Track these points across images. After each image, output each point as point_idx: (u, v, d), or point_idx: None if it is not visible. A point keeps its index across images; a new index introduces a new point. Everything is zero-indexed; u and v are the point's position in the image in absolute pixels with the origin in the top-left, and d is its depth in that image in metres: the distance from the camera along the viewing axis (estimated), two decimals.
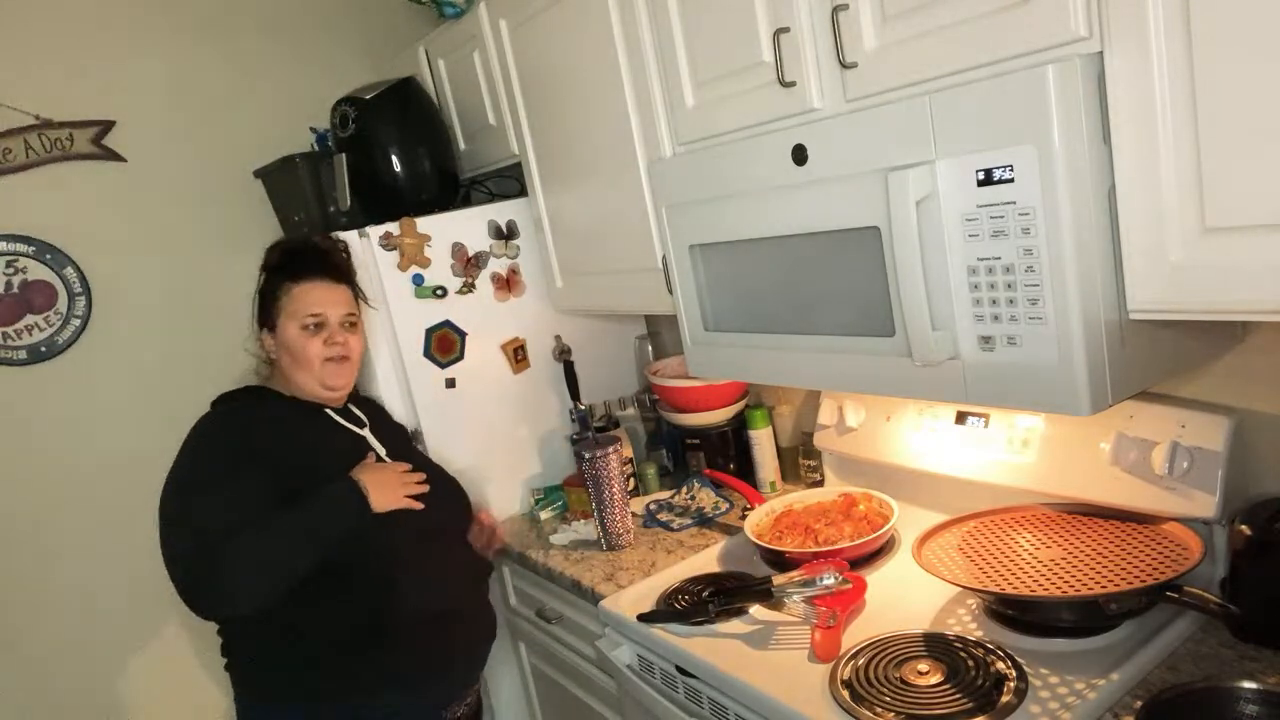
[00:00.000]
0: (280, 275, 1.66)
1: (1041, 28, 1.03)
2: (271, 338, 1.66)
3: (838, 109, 1.32)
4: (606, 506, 1.92)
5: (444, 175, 2.24)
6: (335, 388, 1.66)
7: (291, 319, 1.63)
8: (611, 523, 1.93)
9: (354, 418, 1.74)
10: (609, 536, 1.94)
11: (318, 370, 1.63)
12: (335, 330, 1.65)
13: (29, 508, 2.27)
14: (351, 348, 1.67)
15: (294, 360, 1.63)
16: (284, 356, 1.65)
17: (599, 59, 1.74)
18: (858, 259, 1.25)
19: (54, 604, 2.31)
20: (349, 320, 1.68)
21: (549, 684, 2.16)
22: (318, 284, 1.65)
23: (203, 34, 2.45)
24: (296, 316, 1.63)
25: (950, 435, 1.62)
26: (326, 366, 1.64)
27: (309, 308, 1.63)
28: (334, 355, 1.64)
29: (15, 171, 2.22)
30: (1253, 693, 1.07)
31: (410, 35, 2.60)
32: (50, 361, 2.28)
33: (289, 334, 1.63)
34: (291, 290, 1.64)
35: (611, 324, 2.40)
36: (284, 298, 1.64)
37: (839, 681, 1.27)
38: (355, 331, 1.70)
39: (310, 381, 1.64)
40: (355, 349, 1.69)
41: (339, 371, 1.65)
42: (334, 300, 1.66)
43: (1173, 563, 1.25)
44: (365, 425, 1.73)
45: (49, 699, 2.31)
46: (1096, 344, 1.05)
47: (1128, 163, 1.00)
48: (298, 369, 1.64)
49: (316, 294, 1.64)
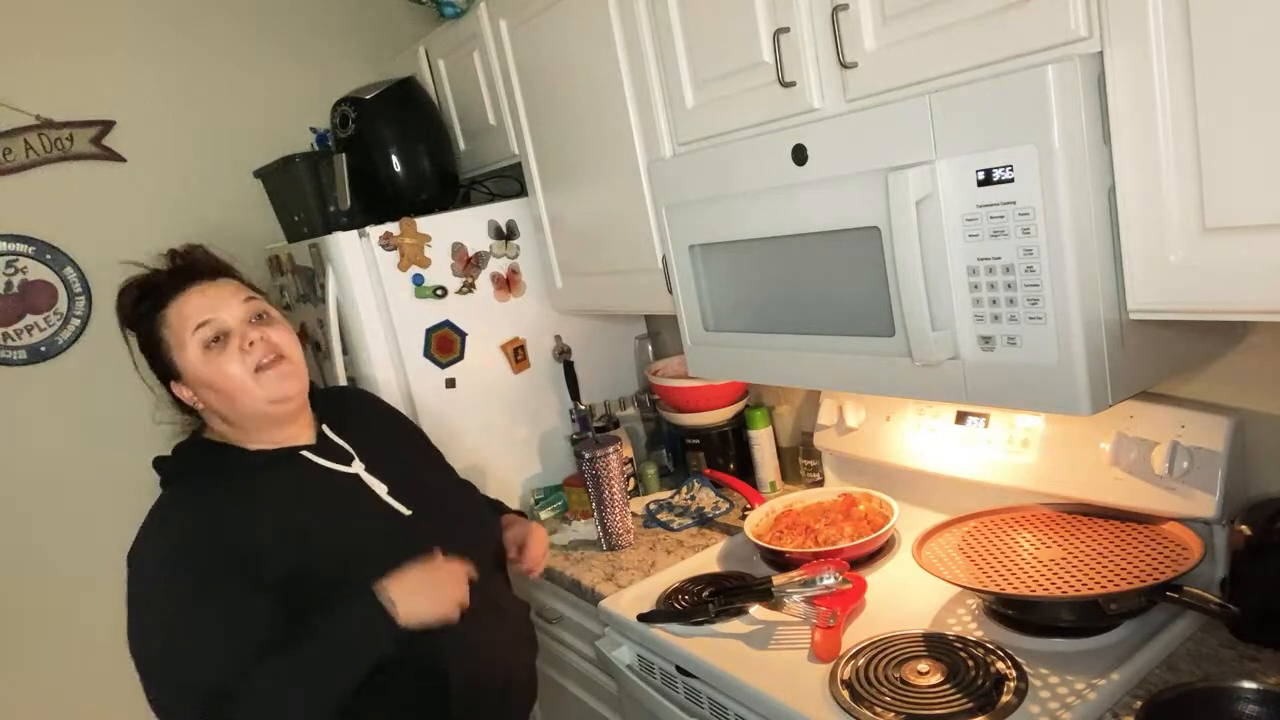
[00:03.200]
0: (146, 313, 1.30)
1: (1041, 28, 1.03)
2: (183, 386, 1.30)
3: (838, 109, 1.32)
4: (606, 506, 1.92)
5: (444, 175, 2.24)
6: (288, 398, 1.30)
7: (184, 346, 1.26)
8: (611, 523, 1.93)
9: (338, 452, 1.38)
10: (609, 536, 1.94)
11: (256, 388, 1.27)
12: (244, 330, 1.28)
13: (29, 507, 2.27)
14: (277, 342, 1.30)
15: (220, 393, 1.27)
16: (208, 396, 1.28)
17: (599, 59, 1.74)
18: (858, 259, 1.25)
19: (54, 603, 2.31)
20: (254, 311, 1.31)
21: (549, 684, 2.16)
22: (189, 291, 1.29)
23: (203, 34, 2.46)
24: (188, 340, 1.26)
25: (950, 435, 1.62)
26: (262, 378, 1.27)
27: (193, 319, 1.26)
28: (261, 360, 1.27)
29: (15, 171, 2.22)
30: (1253, 693, 1.07)
31: (410, 35, 2.60)
32: (50, 361, 2.28)
33: (193, 365, 1.26)
34: (165, 317, 1.27)
35: (611, 324, 2.40)
36: (163, 330, 1.27)
37: (839, 681, 1.27)
38: (271, 323, 1.32)
39: (258, 405, 1.28)
40: (283, 342, 1.31)
41: (280, 377, 1.29)
42: (220, 297, 1.29)
43: (1173, 563, 1.25)
44: (353, 459, 1.39)
45: (48, 697, 2.31)
46: (1096, 344, 1.05)
47: (1128, 163, 1.00)
48: (232, 400, 1.27)
49: (193, 302, 1.27)
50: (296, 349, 1.35)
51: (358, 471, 1.38)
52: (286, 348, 1.32)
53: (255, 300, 1.33)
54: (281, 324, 1.35)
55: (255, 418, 1.30)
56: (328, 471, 1.36)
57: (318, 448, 1.37)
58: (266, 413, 1.30)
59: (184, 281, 1.30)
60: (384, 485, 1.38)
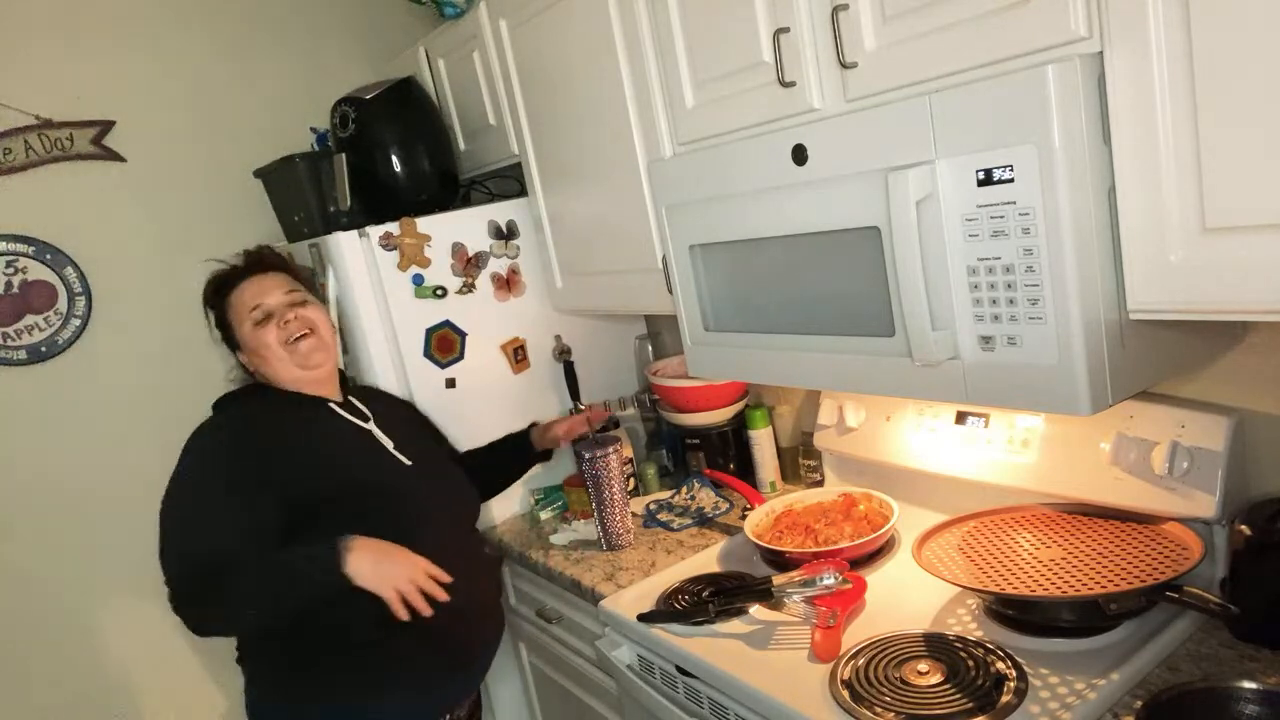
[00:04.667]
0: (220, 297, 1.68)
1: (1041, 28, 1.03)
2: (242, 354, 1.68)
3: (838, 109, 1.32)
4: (606, 506, 1.92)
5: (444, 175, 2.24)
6: (313, 365, 1.64)
7: (240, 324, 1.64)
8: (611, 522, 1.93)
9: (356, 411, 1.72)
10: (609, 536, 1.94)
11: (285, 355, 1.62)
12: (283, 311, 1.63)
13: (29, 507, 2.27)
14: (311, 321, 1.65)
15: (263, 357, 1.63)
16: (255, 360, 1.65)
17: (599, 59, 1.74)
18: (858, 259, 1.25)
19: (54, 603, 2.31)
20: (294, 300, 1.66)
21: (549, 684, 2.16)
22: (249, 281, 1.66)
23: (203, 34, 2.45)
24: (242, 318, 1.63)
25: (950, 435, 1.62)
26: (291, 348, 1.62)
27: (247, 304, 1.63)
28: (292, 334, 1.62)
29: (15, 171, 2.22)
30: (1252, 693, 1.07)
31: (410, 35, 2.60)
32: (50, 361, 2.28)
33: (246, 336, 1.63)
34: (230, 303, 1.66)
35: (611, 324, 2.40)
36: (228, 313, 1.66)
37: (839, 681, 1.27)
38: (310, 306, 1.67)
39: (288, 369, 1.63)
40: (317, 321, 1.66)
41: (308, 347, 1.63)
42: (267, 288, 1.65)
43: (1173, 563, 1.25)
44: (369, 419, 1.71)
45: (49, 697, 2.31)
46: (1096, 344, 1.05)
47: (1128, 163, 1.00)
48: (269, 363, 1.63)
49: (249, 290, 1.65)
50: (327, 328, 1.69)
51: (370, 428, 1.70)
52: (319, 325, 1.66)
53: (296, 291, 1.68)
54: (316, 307, 1.69)
55: (287, 377, 1.64)
56: (346, 421, 1.68)
57: (342, 404, 1.70)
58: (297, 376, 1.64)
59: (245, 273, 1.68)
60: (390, 441, 1.69)
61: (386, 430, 1.71)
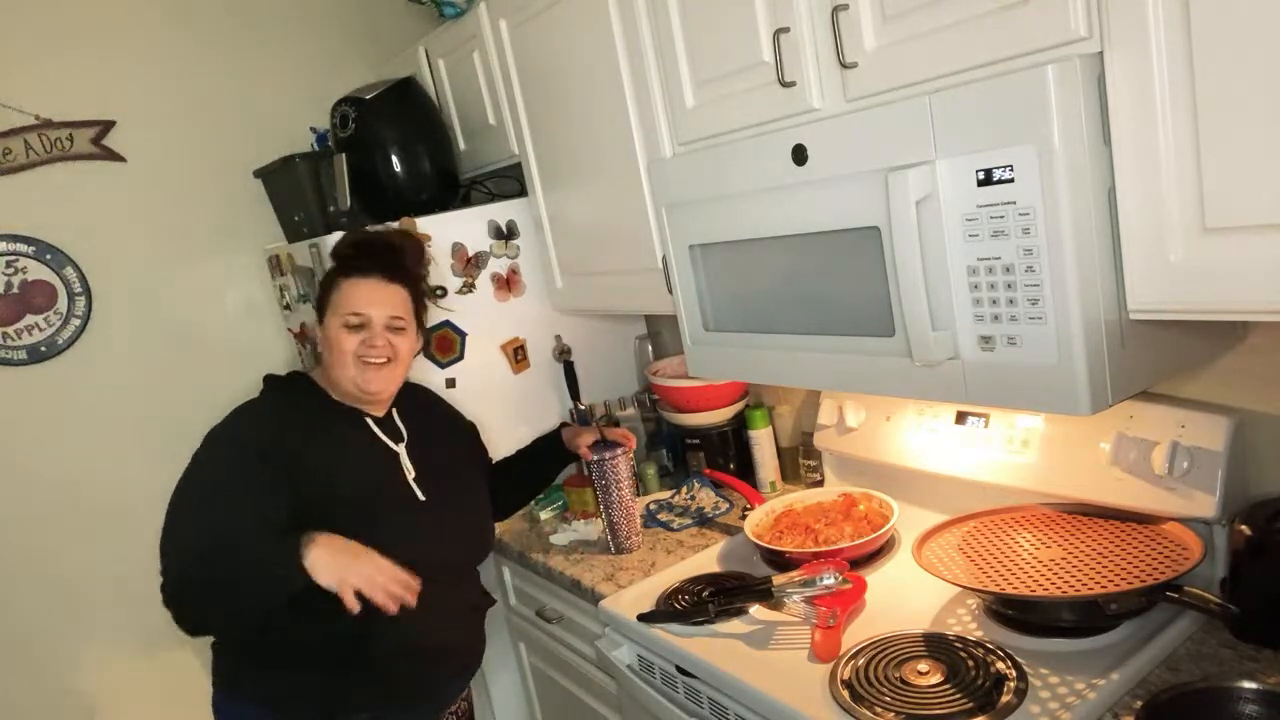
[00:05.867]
0: (339, 267, 1.62)
1: (1041, 28, 1.03)
2: (320, 329, 1.62)
3: (838, 109, 1.32)
4: (615, 509, 1.89)
5: (444, 175, 2.24)
6: (372, 393, 1.59)
7: (335, 314, 1.58)
8: (622, 525, 1.90)
9: (393, 430, 1.66)
10: (617, 540, 1.91)
11: (352, 371, 1.56)
12: (377, 332, 1.57)
13: (29, 507, 2.27)
14: (396, 351, 1.59)
15: (332, 357, 1.58)
16: (326, 351, 1.60)
17: (599, 59, 1.74)
18: (858, 259, 1.25)
19: (54, 603, 2.31)
20: (395, 324, 1.59)
21: (549, 684, 2.16)
22: (367, 281, 1.58)
23: (203, 34, 2.46)
24: (339, 313, 1.57)
25: (950, 435, 1.62)
26: (362, 368, 1.56)
27: (352, 305, 1.57)
28: (370, 358, 1.56)
29: (15, 171, 2.22)
30: (1253, 693, 1.07)
31: (410, 35, 2.60)
32: (50, 361, 2.28)
33: (331, 329, 1.58)
34: (341, 285, 1.59)
35: (611, 324, 2.40)
36: (334, 293, 1.59)
37: (839, 681, 1.27)
38: (403, 335, 1.61)
39: (346, 381, 1.57)
40: (401, 353, 1.61)
41: (377, 376, 1.58)
42: (381, 300, 1.58)
43: (1173, 563, 1.25)
44: (403, 440, 1.65)
45: (50, 699, 2.31)
46: (1096, 344, 1.05)
47: (1128, 163, 1.00)
48: (335, 366, 1.58)
49: (363, 292, 1.58)
50: (407, 361, 1.64)
51: (400, 451, 1.64)
52: (400, 357, 1.61)
53: (400, 319, 1.61)
54: (409, 339, 1.64)
55: (341, 387, 1.60)
56: (378, 441, 1.63)
57: (380, 422, 1.65)
58: (351, 391, 1.59)
59: (374, 269, 1.60)
60: (414, 470, 1.63)
61: (417, 456, 1.65)
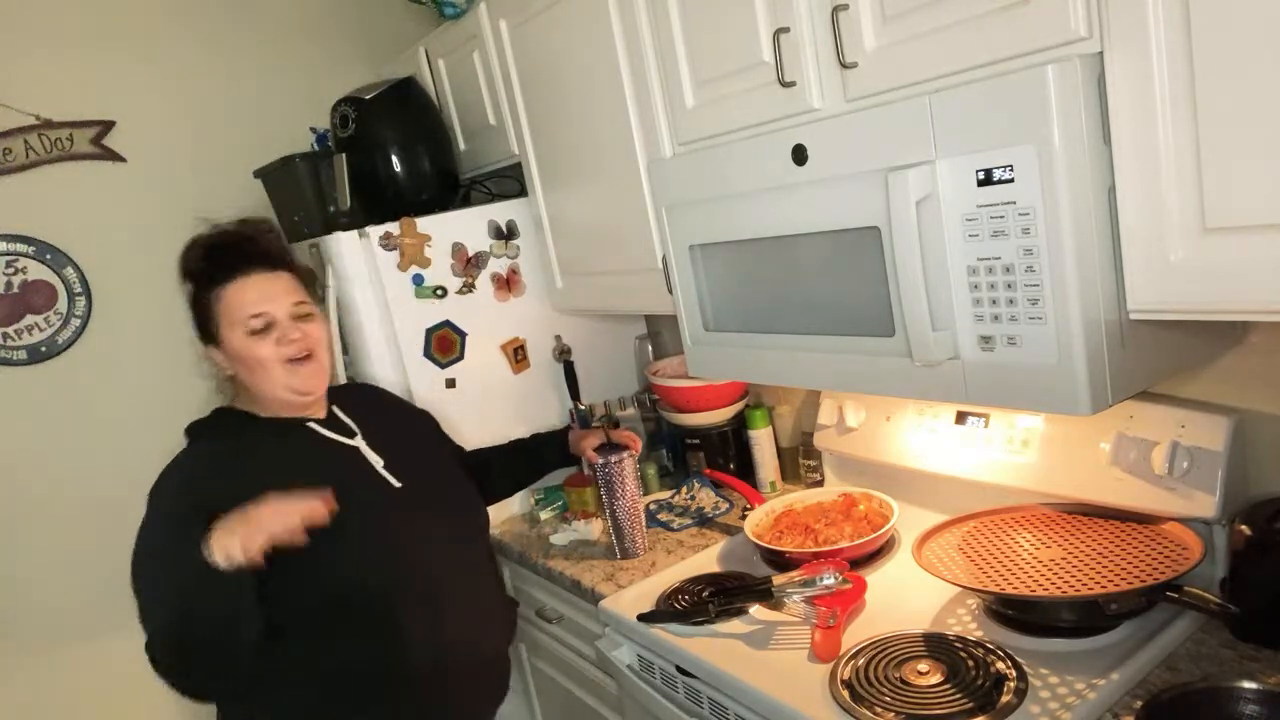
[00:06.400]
0: (206, 280, 1.44)
1: (1041, 28, 1.03)
2: (220, 352, 1.45)
3: (838, 109, 1.32)
4: (621, 513, 1.85)
5: (444, 175, 2.24)
6: (307, 392, 1.46)
7: (233, 326, 1.41)
8: (627, 529, 1.87)
9: (342, 427, 1.54)
10: (623, 545, 1.88)
11: (281, 375, 1.42)
12: (288, 326, 1.43)
13: (29, 508, 2.27)
14: (313, 340, 1.45)
15: (251, 372, 1.42)
16: (240, 370, 1.44)
17: (599, 59, 1.74)
18: (858, 259, 1.25)
19: (54, 603, 2.31)
20: (300, 311, 1.45)
21: (549, 684, 2.16)
22: (250, 278, 1.43)
23: (203, 34, 2.46)
24: (237, 322, 1.40)
25: (950, 435, 1.62)
26: (291, 370, 1.43)
27: (247, 308, 1.40)
28: (294, 355, 1.43)
29: (15, 171, 2.22)
30: (1253, 693, 1.07)
31: (410, 35, 2.60)
32: (50, 361, 2.28)
33: (235, 344, 1.41)
34: (223, 295, 1.42)
35: (611, 324, 2.40)
36: (217, 305, 1.42)
37: (839, 681, 1.27)
38: (313, 321, 1.47)
39: (278, 390, 1.43)
40: (318, 341, 1.47)
41: (307, 373, 1.44)
42: (274, 292, 1.43)
43: (1173, 563, 1.25)
44: (356, 434, 1.54)
45: (48, 699, 2.31)
46: (1096, 344, 1.05)
47: (1128, 163, 1.00)
48: (259, 381, 1.43)
49: (251, 291, 1.42)
50: (327, 347, 1.50)
51: (358, 445, 1.52)
52: (319, 345, 1.47)
53: (304, 303, 1.47)
54: (320, 322, 1.49)
55: (274, 399, 1.45)
56: (330, 442, 1.50)
57: (325, 422, 1.52)
58: (286, 399, 1.45)
59: (247, 265, 1.43)
60: (380, 459, 1.51)
61: (376, 445, 1.53)
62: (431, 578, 1.45)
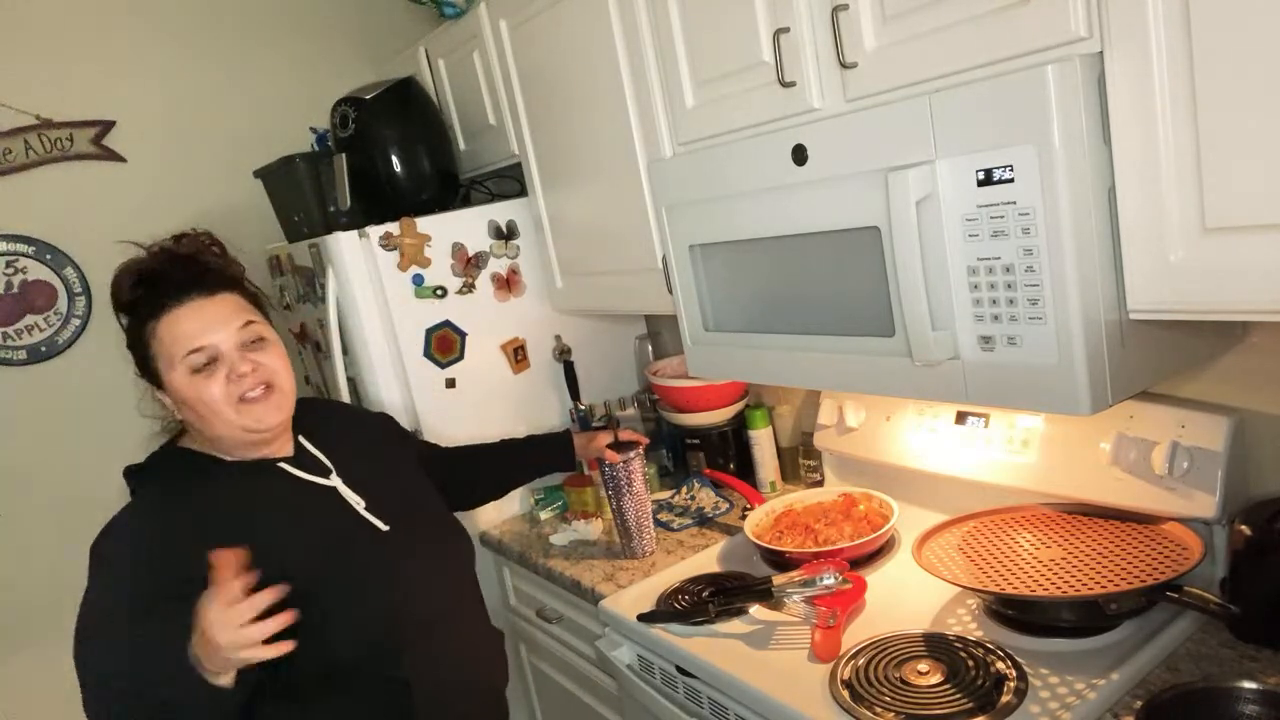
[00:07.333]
0: (140, 314, 1.25)
1: (1041, 28, 1.03)
2: (165, 395, 1.26)
3: (838, 109, 1.32)
4: (630, 511, 1.84)
5: (444, 175, 2.24)
6: (268, 428, 1.27)
7: (172, 366, 1.22)
8: (637, 528, 1.86)
9: (314, 464, 1.35)
10: (632, 545, 1.87)
11: (233, 417, 1.23)
12: (235, 359, 1.24)
13: (28, 508, 2.27)
14: (268, 370, 1.26)
15: (201, 415, 1.24)
16: (189, 414, 1.25)
17: (599, 59, 1.74)
18: (858, 259, 1.25)
19: (53, 603, 2.31)
20: (249, 335, 1.26)
21: (549, 684, 2.16)
22: (185, 307, 1.23)
23: (203, 34, 2.46)
24: (176, 361, 1.21)
25: (950, 435, 1.62)
26: (244, 409, 1.24)
27: (185, 343, 1.21)
28: (247, 392, 1.24)
29: (15, 171, 2.23)
30: (1253, 693, 1.07)
31: (410, 35, 2.60)
32: (50, 361, 2.29)
33: (179, 385, 1.22)
34: (157, 330, 1.22)
35: (611, 324, 2.40)
36: (153, 344, 1.23)
37: (839, 681, 1.27)
38: (266, 347, 1.28)
39: (233, 431, 1.24)
40: (277, 369, 1.28)
41: (266, 409, 1.26)
42: (216, 319, 1.24)
43: (1173, 563, 1.25)
44: (330, 471, 1.36)
45: (46, 698, 2.31)
46: (1096, 344, 1.05)
47: (1128, 163, 1.00)
48: (211, 424, 1.24)
49: (188, 321, 1.22)
50: (288, 375, 1.31)
51: (335, 485, 1.36)
52: (278, 376, 1.29)
53: (252, 325, 1.28)
54: (275, 347, 1.31)
55: (230, 440, 1.27)
56: (305, 484, 1.33)
57: (295, 460, 1.35)
58: (243, 439, 1.27)
59: (181, 292, 1.24)
60: (361, 500, 1.36)
61: (353, 481, 1.37)
62: (426, 623, 1.34)
